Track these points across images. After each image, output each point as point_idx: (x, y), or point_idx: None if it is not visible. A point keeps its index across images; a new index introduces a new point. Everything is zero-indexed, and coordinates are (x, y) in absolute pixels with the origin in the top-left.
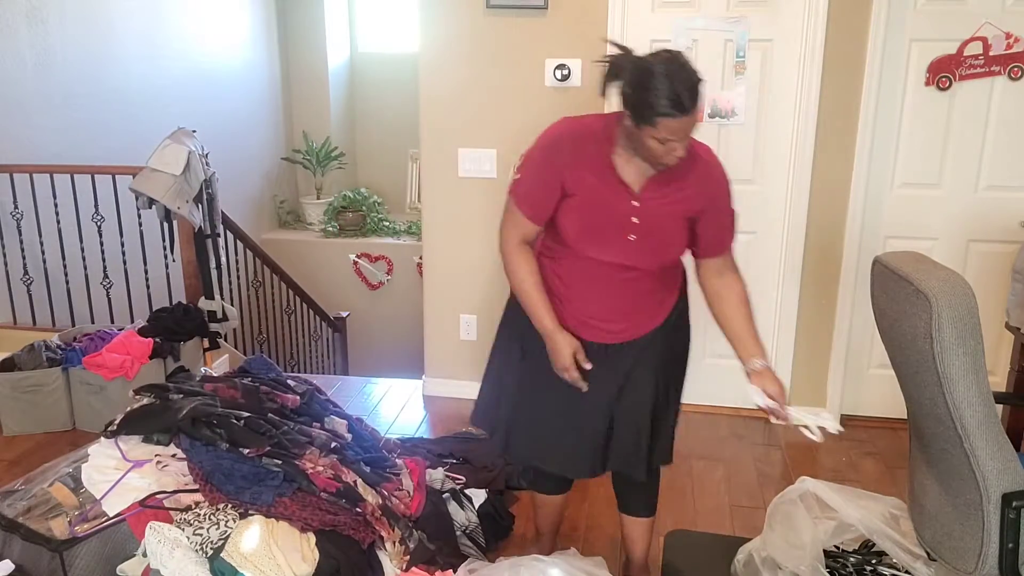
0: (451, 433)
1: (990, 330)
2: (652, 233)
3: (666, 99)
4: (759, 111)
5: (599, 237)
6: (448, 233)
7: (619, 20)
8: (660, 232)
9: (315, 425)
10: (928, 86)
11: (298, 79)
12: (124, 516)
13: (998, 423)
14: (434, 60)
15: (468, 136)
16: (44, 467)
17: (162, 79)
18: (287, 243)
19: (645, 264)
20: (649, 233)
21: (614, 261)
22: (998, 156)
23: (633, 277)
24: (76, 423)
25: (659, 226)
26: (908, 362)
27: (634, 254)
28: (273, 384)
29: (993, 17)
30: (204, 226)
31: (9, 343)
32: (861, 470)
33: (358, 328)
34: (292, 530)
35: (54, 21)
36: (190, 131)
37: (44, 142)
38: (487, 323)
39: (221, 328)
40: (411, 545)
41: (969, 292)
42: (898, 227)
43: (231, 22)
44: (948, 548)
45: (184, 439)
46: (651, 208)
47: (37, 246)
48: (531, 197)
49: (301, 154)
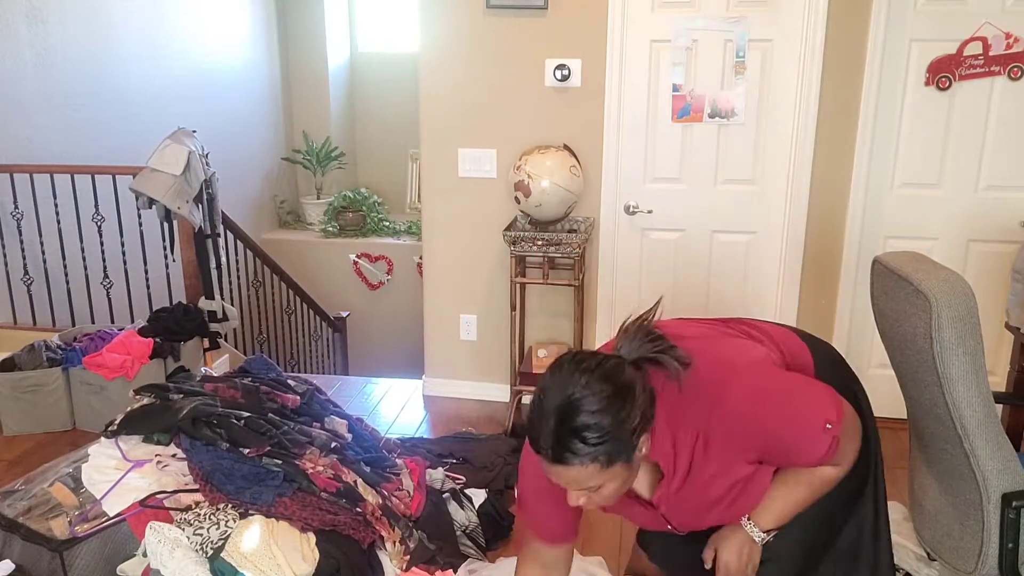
0: (451, 433)
1: (990, 330)
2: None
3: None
4: (759, 111)
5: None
6: (448, 233)
7: (619, 20)
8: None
9: (315, 425)
10: (928, 86)
11: (298, 79)
12: (124, 516)
13: (998, 423)
14: (434, 60)
15: (468, 136)
16: (44, 467)
17: (162, 79)
18: (287, 243)
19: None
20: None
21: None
22: (998, 156)
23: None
24: (76, 423)
25: (696, 516)
26: (908, 362)
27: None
28: (273, 384)
29: (993, 17)
30: (204, 226)
31: (9, 343)
32: None
33: (358, 328)
34: (292, 530)
35: (54, 21)
36: (190, 131)
37: (44, 142)
38: (487, 323)
39: (221, 328)
40: (411, 545)
41: (969, 292)
42: (898, 227)
43: (231, 22)
44: (948, 548)
45: (184, 439)
46: (676, 505)
47: (37, 246)
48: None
49: (301, 154)
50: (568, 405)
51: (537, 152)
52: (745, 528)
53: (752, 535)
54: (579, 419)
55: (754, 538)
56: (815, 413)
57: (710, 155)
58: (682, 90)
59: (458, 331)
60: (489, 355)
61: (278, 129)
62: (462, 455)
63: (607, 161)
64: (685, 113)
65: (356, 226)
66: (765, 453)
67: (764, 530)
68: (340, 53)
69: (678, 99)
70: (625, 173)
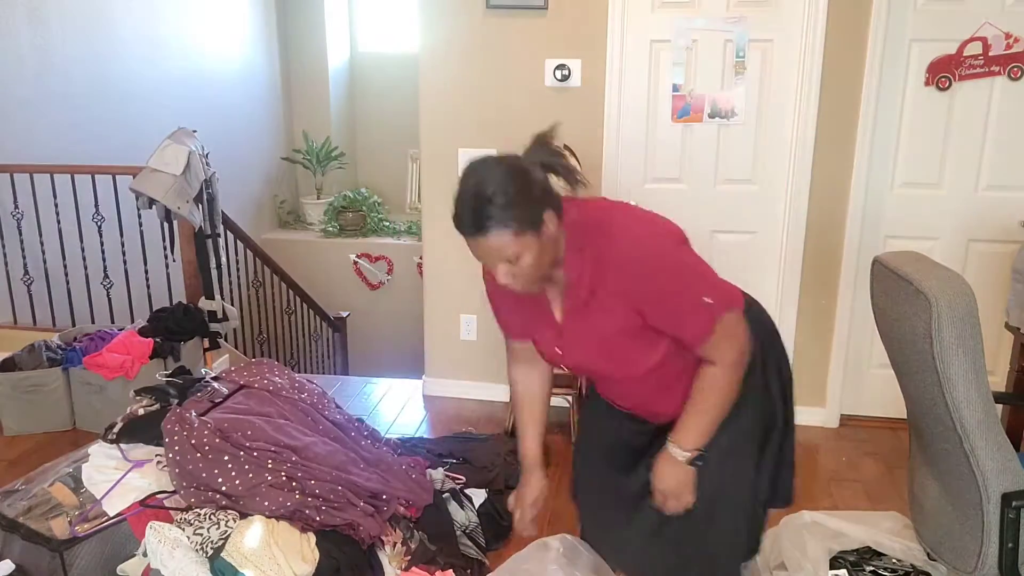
0: (451, 433)
1: (990, 330)
2: (583, 359)
3: (454, 214)
4: (759, 111)
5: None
6: (448, 233)
7: (619, 20)
8: (590, 357)
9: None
10: (928, 86)
11: (298, 79)
12: (124, 516)
13: (998, 423)
14: (434, 60)
15: (468, 136)
16: (44, 467)
17: (162, 79)
18: (287, 243)
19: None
20: (580, 360)
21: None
22: (998, 156)
23: (619, 381)
24: (76, 423)
25: (584, 352)
26: (908, 362)
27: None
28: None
29: (993, 17)
30: (204, 226)
31: (9, 343)
32: (861, 470)
33: (358, 328)
34: (292, 530)
35: (54, 21)
36: (190, 131)
37: (44, 142)
38: (487, 323)
39: (221, 328)
40: (412, 546)
41: (969, 292)
42: (898, 227)
43: (231, 22)
44: (948, 548)
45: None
46: (572, 334)
47: (37, 246)
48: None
49: (301, 154)
50: (479, 183)
51: None
52: (672, 452)
53: (677, 456)
54: (488, 190)
55: (679, 458)
56: (699, 286)
57: (710, 155)
58: (682, 90)
59: (458, 331)
60: (489, 355)
61: (278, 129)
62: (462, 455)
63: (607, 161)
64: (685, 113)
65: (356, 226)
66: (648, 306)
67: (687, 448)
68: (340, 53)
69: (678, 99)
70: (625, 173)
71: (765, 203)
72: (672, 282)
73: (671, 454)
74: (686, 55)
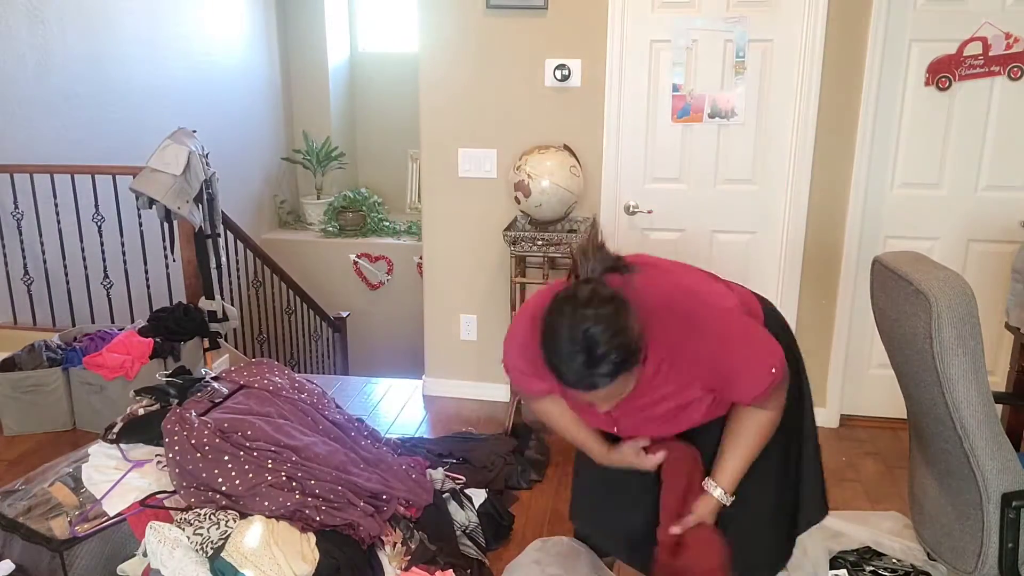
0: (451, 433)
1: (990, 330)
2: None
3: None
4: (759, 111)
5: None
6: (448, 233)
7: (619, 20)
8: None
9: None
10: (928, 86)
11: (298, 79)
12: (124, 516)
13: (998, 423)
14: (434, 60)
15: (468, 136)
16: (44, 467)
17: (162, 79)
18: (287, 243)
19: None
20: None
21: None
22: (998, 156)
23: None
24: (76, 423)
25: (642, 430)
26: (908, 362)
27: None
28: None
29: (993, 17)
30: (204, 226)
31: (9, 343)
32: (861, 470)
33: (358, 328)
34: (292, 530)
35: (54, 21)
36: (190, 131)
37: (44, 142)
38: (487, 323)
39: (221, 328)
40: (412, 546)
41: (969, 292)
42: (898, 227)
43: (231, 22)
44: (948, 548)
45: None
46: (628, 419)
47: (37, 246)
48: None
49: (301, 154)
50: (589, 339)
51: (537, 152)
52: (715, 495)
53: (722, 500)
54: (601, 348)
55: (723, 502)
56: (766, 359)
57: (710, 155)
58: (682, 90)
59: (458, 331)
60: (489, 355)
61: (278, 129)
62: (462, 455)
63: (607, 161)
64: (685, 113)
65: (356, 226)
66: (718, 383)
67: (730, 491)
68: (340, 53)
69: (678, 99)
70: (625, 173)
71: (765, 203)
72: (745, 365)
73: (715, 497)
74: (686, 55)
